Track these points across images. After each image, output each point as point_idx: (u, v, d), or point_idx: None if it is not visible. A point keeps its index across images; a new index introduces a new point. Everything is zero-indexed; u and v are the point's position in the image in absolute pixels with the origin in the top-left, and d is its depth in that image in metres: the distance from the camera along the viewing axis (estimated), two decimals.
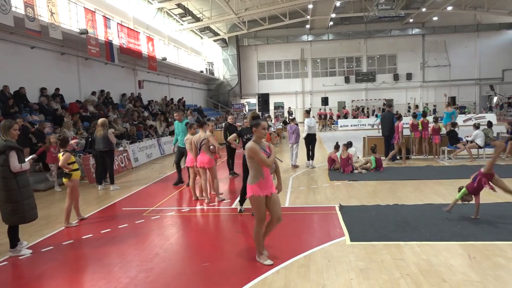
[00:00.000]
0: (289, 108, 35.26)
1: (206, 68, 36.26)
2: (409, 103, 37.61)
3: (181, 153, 10.44)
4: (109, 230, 6.90)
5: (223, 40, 37.17)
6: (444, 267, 4.78)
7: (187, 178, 9.53)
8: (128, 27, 20.29)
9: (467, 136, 13.47)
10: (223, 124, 16.58)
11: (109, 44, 17.48)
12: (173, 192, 9.88)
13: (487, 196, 8.17)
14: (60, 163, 7.21)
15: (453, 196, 8.25)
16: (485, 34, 37.89)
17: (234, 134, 7.80)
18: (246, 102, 37.83)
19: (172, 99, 26.70)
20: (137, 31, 21.08)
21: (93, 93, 17.78)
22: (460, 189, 6.62)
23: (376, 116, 28.06)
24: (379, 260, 5.07)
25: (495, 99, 36.81)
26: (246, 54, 39.94)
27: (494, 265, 4.81)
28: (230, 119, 12.16)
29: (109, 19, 18.29)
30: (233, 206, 8.20)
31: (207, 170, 8.57)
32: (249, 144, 4.86)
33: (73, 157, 7.43)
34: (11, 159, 5.56)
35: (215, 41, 36.36)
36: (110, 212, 8.26)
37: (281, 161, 13.93)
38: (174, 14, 28.21)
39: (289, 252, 5.47)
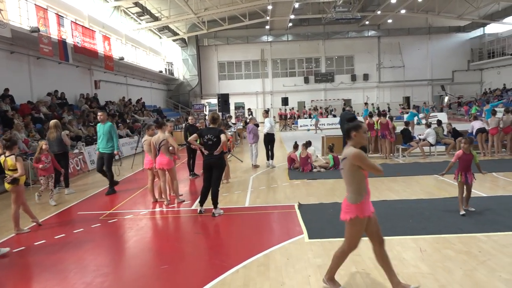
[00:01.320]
0: (249, 109, 35.41)
1: (166, 68, 35.75)
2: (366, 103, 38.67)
3: (101, 158, 9.84)
4: (63, 235, 6.67)
5: (183, 40, 36.79)
6: (397, 261, 4.97)
7: (146, 181, 9.36)
8: (83, 26, 19.69)
9: (420, 135, 14.03)
10: (184, 124, 16.40)
11: (62, 43, 16.88)
12: (131, 195, 9.68)
13: (437, 191, 8.57)
14: (20, 172, 6.72)
15: (406, 192, 8.61)
16: (436, 37, 39.60)
17: (195, 135, 7.69)
18: (206, 102, 37.61)
19: (130, 100, 26.14)
20: (92, 30, 20.48)
21: (49, 94, 17.12)
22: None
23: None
24: None
25: (446, 99, 38.55)
26: (206, 54, 39.72)
27: (444, 257, 5.05)
28: (190, 119, 12.06)
29: (63, 17, 17.66)
30: (193, 208, 8.14)
31: (167, 172, 8.47)
32: (353, 150, 3.95)
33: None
34: None
35: (174, 40, 35.93)
36: (65, 217, 7.99)
37: (242, 161, 14.07)
38: (132, 13, 27.63)
39: (249, 251, 5.50)
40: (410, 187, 9.04)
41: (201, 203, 7.64)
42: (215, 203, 7.48)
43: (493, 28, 37.71)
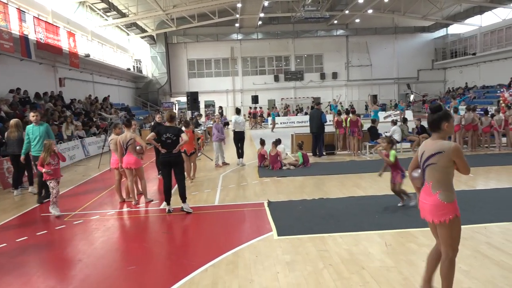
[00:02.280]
0: (220, 107, 35.26)
1: (134, 66, 35.11)
2: (331, 102, 39.13)
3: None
4: (25, 238, 6.45)
5: (151, 37, 36.22)
6: (364, 256, 5.08)
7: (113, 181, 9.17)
8: (46, 21, 19.04)
9: (386, 132, 14.36)
10: (152, 123, 16.18)
11: (24, 39, 16.28)
12: (98, 195, 9.47)
13: (402, 187, 8.79)
14: None
15: (373, 188, 8.80)
16: (402, 37, 40.61)
17: (152, 133, 7.50)
18: (176, 100, 37.19)
19: (97, 98, 25.53)
20: (56, 26, 19.85)
21: (11, 91, 16.48)
22: None
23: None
24: (305, 253, 5.26)
25: (411, 97, 39.61)
26: (176, 52, 39.27)
27: (407, 250, 5.20)
28: (158, 118, 11.90)
29: (24, 12, 17.03)
30: (161, 207, 8.04)
31: (134, 171, 8.33)
32: (452, 143, 3.54)
33: None
34: None
35: (142, 38, 35.32)
36: (28, 219, 7.74)
37: (212, 160, 14.00)
38: (98, 9, 26.95)
39: (218, 250, 5.49)
40: (376, 184, 9.24)
41: (167, 201, 7.62)
42: (184, 198, 7.53)
43: (455, 29, 39.03)
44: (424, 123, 14.79)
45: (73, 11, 24.33)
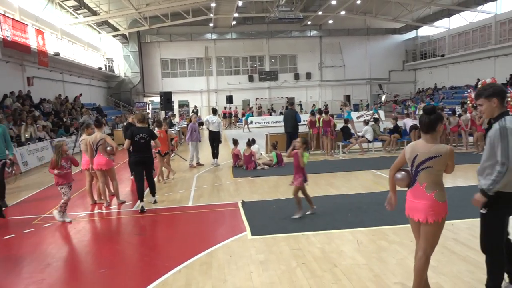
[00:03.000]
0: (195, 106, 35.04)
1: (106, 65, 34.43)
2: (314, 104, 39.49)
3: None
4: None
5: (124, 36, 35.60)
6: (336, 254, 5.15)
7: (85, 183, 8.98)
8: (13, 19, 18.45)
9: (358, 132, 14.60)
10: (125, 123, 15.90)
11: None
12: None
13: (374, 186, 8.97)
14: None
15: (346, 187, 8.94)
16: (374, 38, 41.34)
17: (128, 141, 7.72)
18: (149, 100, 36.70)
19: (67, 98, 24.91)
20: (24, 23, 19.26)
21: None
22: None
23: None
24: (278, 252, 5.30)
25: (383, 97, 40.41)
26: (149, 51, 38.73)
27: (378, 248, 5.31)
28: (131, 119, 11.73)
29: None
30: (134, 209, 7.93)
31: (105, 172, 8.18)
32: (447, 147, 3.58)
33: None
34: None
35: (114, 36, 34.66)
36: None
37: (186, 160, 13.89)
38: (68, 6, 26.29)
39: (192, 251, 5.46)
40: (349, 182, 9.40)
41: (141, 198, 7.69)
42: (154, 192, 8.12)
43: (425, 31, 40.02)
44: (400, 123, 15.12)
45: (41, 8, 23.66)
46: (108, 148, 8.00)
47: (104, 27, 31.64)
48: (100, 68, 32.14)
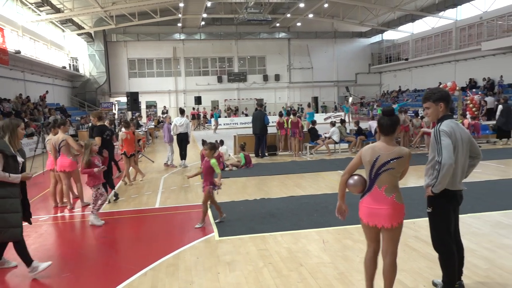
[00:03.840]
0: (165, 106, 34.63)
1: (70, 64, 33.51)
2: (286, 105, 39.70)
3: None
4: None
5: (89, 34, 34.75)
6: (302, 253, 5.23)
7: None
8: None
9: (325, 133, 14.85)
10: (90, 124, 15.52)
11: None
12: (30, 200, 8.92)
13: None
14: None
15: (313, 188, 9.07)
16: (341, 41, 42.13)
17: (99, 138, 7.83)
18: (116, 100, 35.95)
19: (28, 97, 24.07)
20: None
21: None
22: None
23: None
24: (245, 252, 5.32)
25: (350, 99, 41.18)
26: (115, 51, 37.96)
27: (344, 247, 5.42)
28: (92, 119, 11.47)
29: None
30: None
31: (69, 174, 7.97)
32: (406, 149, 3.59)
33: None
34: None
35: (79, 35, 33.76)
36: None
37: (153, 162, 13.72)
38: (29, 3, 25.41)
39: (158, 253, 5.41)
40: (316, 183, 9.54)
41: (113, 186, 8.31)
42: (113, 187, 8.50)
43: (390, 35, 41.12)
44: (363, 125, 15.48)
45: (1, 4, 22.77)
46: (74, 148, 7.79)
47: (68, 25, 30.78)
48: (64, 67, 31.25)
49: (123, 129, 10.78)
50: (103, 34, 35.89)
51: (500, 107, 15.49)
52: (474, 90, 25.30)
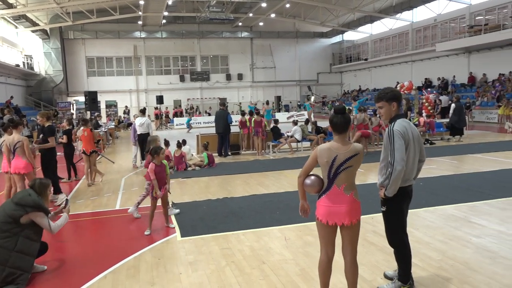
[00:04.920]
0: (126, 107, 33.87)
1: (24, 62, 32.11)
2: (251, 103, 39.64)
3: None
4: None
5: (44, 31, 33.42)
6: (264, 251, 5.27)
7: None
8: None
9: (288, 132, 15.01)
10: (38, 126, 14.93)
11: None
12: None
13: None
14: None
15: (275, 186, 9.15)
16: (303, 41, 42.72)
17: (53, 137, 7.67)
18: (74, 100, 34.79)
19: None
20: None
21: None
22: None
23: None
24: (208, 252, 5.31)
25: (312, 98, 41.79)
26: (73, 48, 36.76)
27: (305, 243, 5.51)
28: (40, 120, 11.08)
29: None
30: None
31: (24, 176, 7.64)
32: (360, 145, 3.62)
33: None
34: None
35: (33, 31, 32.45)
36: None
37: (113, 163, 13.40)
38: None
39: (118, 256, 5.30)
40: (278, 181, 9.63)
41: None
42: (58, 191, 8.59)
43: (350, 36, 42.10)
44: (320, 124, 15.77)
45: None
46: (30, 147, 7.53)
47: (21, 21, 29.51)
48: (18, 65, 29.91)
49: (81, 127, 10.52)
50: (59, 31, 34.65)
51: (453, 105, 16.19)
52: (429, 89, 26.30)
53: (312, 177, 3.65)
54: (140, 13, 31.70)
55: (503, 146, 13.74)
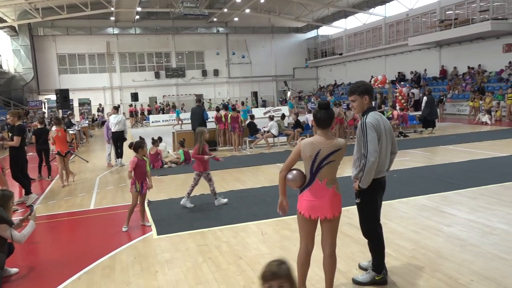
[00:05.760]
0: (100, 105, 33.22)
1: None
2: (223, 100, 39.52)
3: None
4: None
5: (12, 28, 32.37)
6: (241, 246, 5.28)
7: None
8: None
9: (264, 127, 15.04)
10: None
11: None
12: None
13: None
14: None
15: (252, 181, 9.17)
16: (278, 36, 42.78)
17: (19, 137, 8.03)
18: (45, 98, 33.88)
19: None
20: None
21: None
22: None
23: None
24: (184, 249, 5.28)
25: (288, 93, 42.01)
26: (43, 45, 35.75)
27: (282, 237, 5.55)
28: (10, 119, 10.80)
29: None
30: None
31: None
32: (344, 140, 3.69)
33: None
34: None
35: (1, 28, 31.37)
36: None
37: (87, 162, 13.15)
38: None
39: (93, 256, 5.22)
40: (255, 177, 9.65)
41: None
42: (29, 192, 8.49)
43: (325, 31, 42.38)
44: (303, 118, 15.86)
45: None
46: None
47: None
48: None
49: (54, 127, 10.26)
50: (28, 28, 33.63)
51: (425, 98, 16.56)
52: (402, 83, 26.74)
53: (294, 172, 3.67)
54: (112, 9, 31.08)
55: (473, 137, 14.15)
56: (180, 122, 25.47)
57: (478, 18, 23.92)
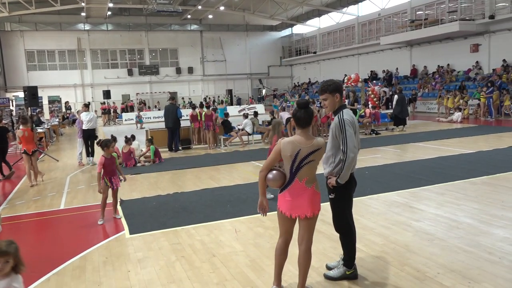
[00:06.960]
0: (67, 102, 32.38)
1: None
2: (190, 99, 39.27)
3: None
4: None
5: None
6: (215, 244, 5.28)
7: None
8: None
9: (239, 125, 15.04)
10: None
11: None
12: None
13: (254, 176, 9.35)
14: None
15: (226, 179, 9.17)
16: (253, 34, 42.80)
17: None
18: (13, 96, 32.80)
19: None
20: None
21: None
22: None
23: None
24: (157, 248, 5.24)
25: (263, 91, 42.14)
26: (10, 41, 34.61)
27: (255, 234, 5.58)
28: None
29: None
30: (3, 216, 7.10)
31: None
32: (323, 139, 3.67)
33: None
34: None
35: None
36: None
37: (57, 160, 12.85)
38: None
39: (63, 257, 5.11)
40: (230, 175, 9.65)
41: None
42: None
43: (299, 29, 42.68)
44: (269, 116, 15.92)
45: None
46: None
47: None
48: None
49: (21, 126, 9.95)
50: None
51: (396, 97, 16.91)
52: (374, 81, 27.23)
53: (274, 171, 3.69)
54: (83, 4, 30.35)
55: (442, 134, 14.56)
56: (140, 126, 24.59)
57: (447, 19, 24.60)
